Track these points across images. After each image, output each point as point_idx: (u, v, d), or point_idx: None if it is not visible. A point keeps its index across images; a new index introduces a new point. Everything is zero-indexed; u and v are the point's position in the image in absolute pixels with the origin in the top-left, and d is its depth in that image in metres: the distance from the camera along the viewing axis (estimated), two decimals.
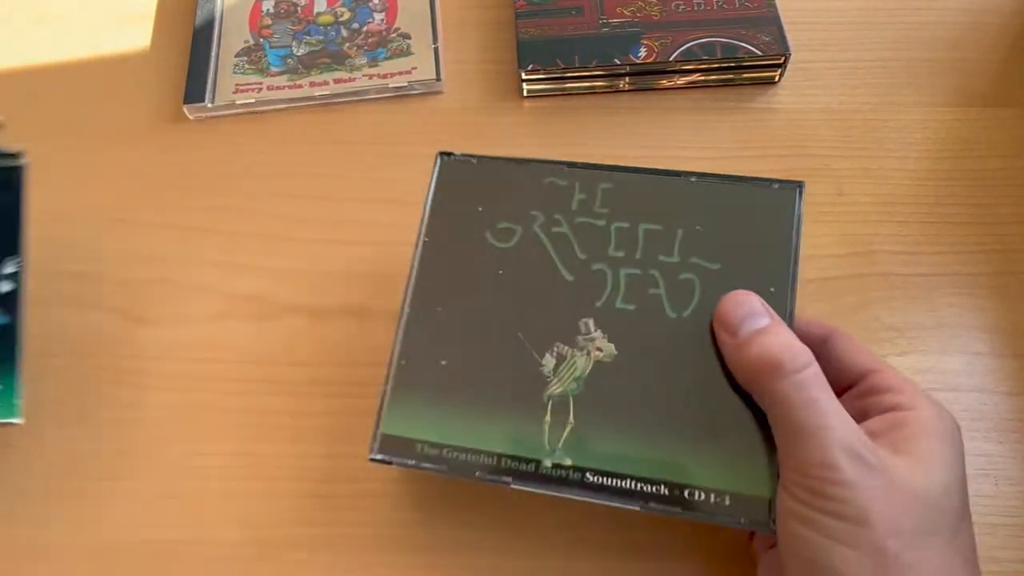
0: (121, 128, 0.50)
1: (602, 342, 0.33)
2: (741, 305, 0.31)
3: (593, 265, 0.34)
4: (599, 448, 0.31)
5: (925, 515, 0.27)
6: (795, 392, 0.28)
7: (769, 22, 0.48)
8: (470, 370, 0.33)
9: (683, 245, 0.34)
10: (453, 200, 0.37)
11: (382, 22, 0.53)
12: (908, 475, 0.28)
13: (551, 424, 0.32)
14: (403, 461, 0.32)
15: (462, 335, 0.34)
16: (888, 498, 0.27)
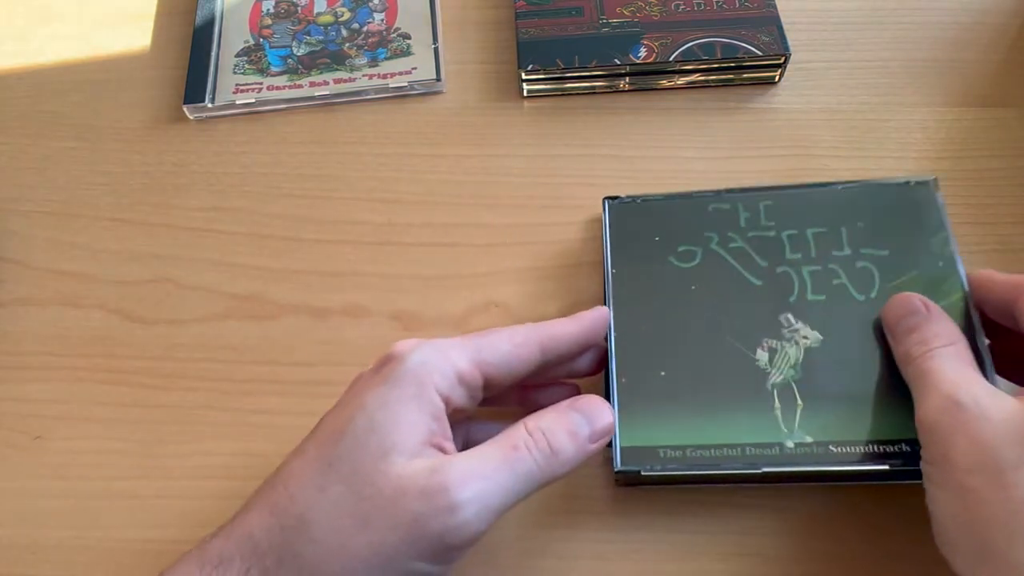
0: (121, 128, 0.50)
1: (806, 331, 0.36)
2: (897, 309, 0.34)
3: (777, 269, 0.38)
4: (832, 423, 0.34)
5: (1013, 451, 0.26)
6: (915, 370, 0.31)
7: (769, 22, 0.48)
8: (691, 375, 0.36)
9: (851, 241, 0.38)
10: (629, 234, 0.40)
11: (382, 22, 0.53)
12: (1007, 415, 0.27)
13: (781, 409, 0.34)
14: (651, 467, 0.34)
15: (674, 346, 0.37)
16: (970, 434, 0.27)
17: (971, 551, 0.27)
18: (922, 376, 0.31)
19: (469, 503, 0.27)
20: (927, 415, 0.29)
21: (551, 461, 0.29)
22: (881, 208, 0.39)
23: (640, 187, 0.46)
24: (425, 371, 0.30)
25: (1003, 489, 0.26)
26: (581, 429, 0.31)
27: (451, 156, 0.48)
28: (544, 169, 0.47)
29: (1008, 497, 0.26)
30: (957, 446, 0.27)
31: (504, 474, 0.28)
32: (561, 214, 0.45)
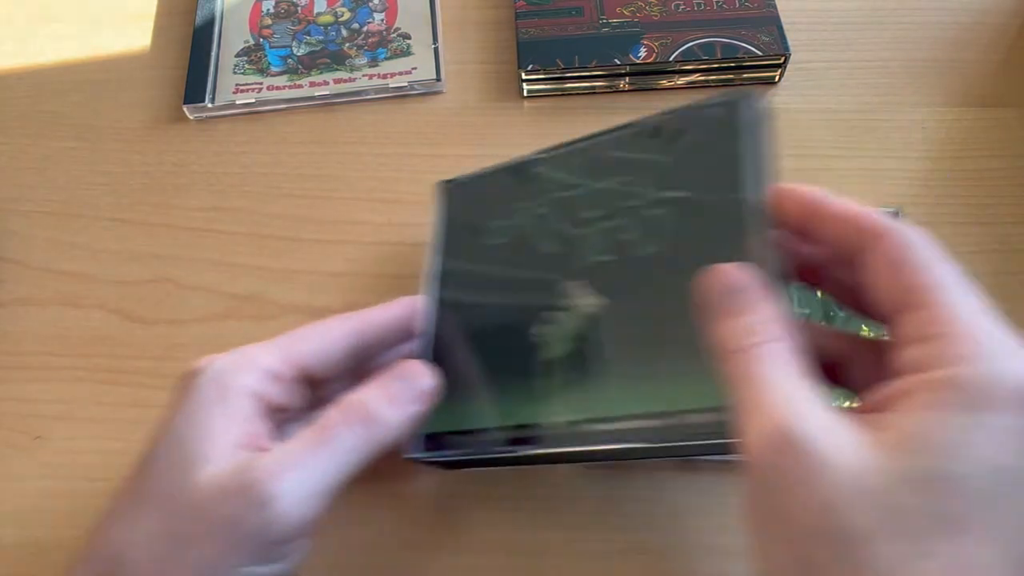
0: (121, 128, 0.50)
1: (586, 298, 0.33)
2: (714, 285, 0.27)
3: (571, 231, 0.35)
4: (608, 397, 0.30)
5: (867, 514, 0.20)
6: (737, 369, 0.24)
7: (769, 22, 0.48)
8: (483, 359, 0.34)
9: (648, 185, 0.33)
10: (454, 218, 0.40)
11: (382, 22, 0.53)
12: (856, 461, 0.21)
13: (555, 386, 0.32)
14: (433, 454, 0.34)
15: (472, 331, 0.35)
16: (812, 489, 0.21)
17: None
18: (744, 383, 0.24)
19: (283, 494, 0.26)
20: (754, 447, 0.23)
21: (372, 429, 0.29)
22: (687, 142, 0.33)
23: None
24: (227, 376, 0.29)
25: (854, 569, 0.20)
26: (401, 393, 0.31)
27: (451, 156, 0.48)
28: None
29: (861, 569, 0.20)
30: (795, 500, 0.21)
31: (320, 456, 0.28)
32: None
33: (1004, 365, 0.21)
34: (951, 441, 0.20)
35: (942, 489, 0.20)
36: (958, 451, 0.20)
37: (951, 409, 0.21)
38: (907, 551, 0.20)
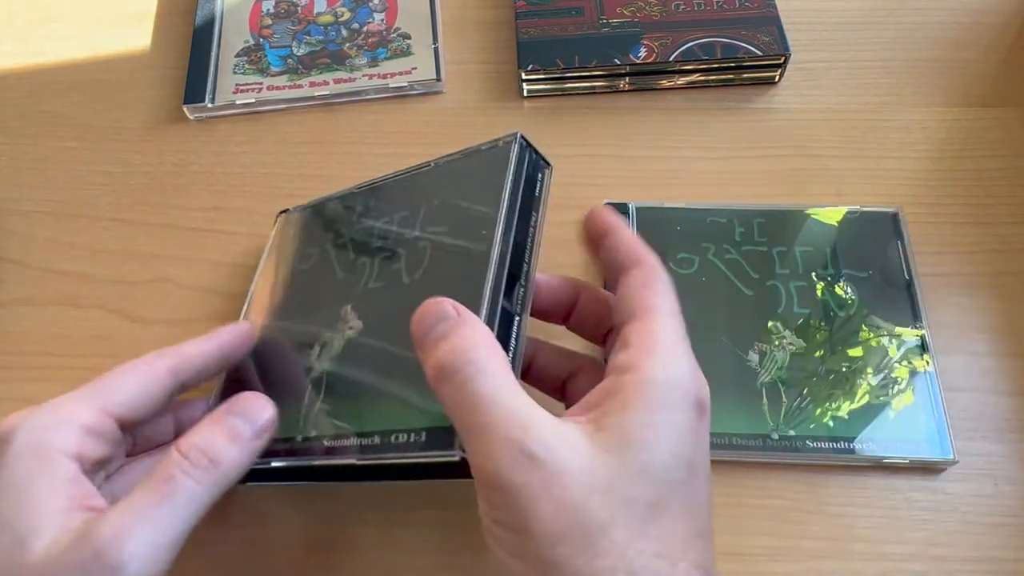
0: (121, 128, 0.50)
1: (353, 322, 0.34)
2: (425, 317, 0.27)
3: (360, 259, 0.36)
4: (343, 414, 0.32)
5: (602, 508, 0.23)
6: (456, 393, 0.25)
7: (769, 22, 0.48)
8: (269, 377, 0.36)
9: (425, 219, 0.35)
10: None
11: (382, 22, 0.53)
12: (586, 462, 0.23)
13: (313, 404, 0.34)
14: None
15: (267, 351, 0.37)
16: (553, 496, 0.23)
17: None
18: (466, 405, 0.24)
19: (133, 557, 0.25)
20: (491, 468, 0.23)
21: (215, 474, 0.28)
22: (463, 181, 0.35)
23: (640, 187, 0.46)
24: (42, 438, 0.28)
25: (595, 558, 0.22)
26: (242, 430, 0.29)
27: None
28: None
29: (602, 568, 0.22)
30: (540, 515, 0.23)
31: (164, 510, 0.26)
32: (561, 214, 0.45)
33: (680, 374, 0.26)
34: (650, 437, 0.24)
35: (650, 478, 0.24)
36: (656, 444, 0.24)
37: (652, 411, 0.25)
38: (634, 534, 0.23)
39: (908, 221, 0.43)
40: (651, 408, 0.25)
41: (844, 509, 0.36)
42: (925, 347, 0.39)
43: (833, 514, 0.36)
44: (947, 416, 0.37)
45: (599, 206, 0.32)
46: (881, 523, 0.36)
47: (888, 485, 0.36)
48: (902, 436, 0.37)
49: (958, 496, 0.36)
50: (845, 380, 0.38)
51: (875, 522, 0.36)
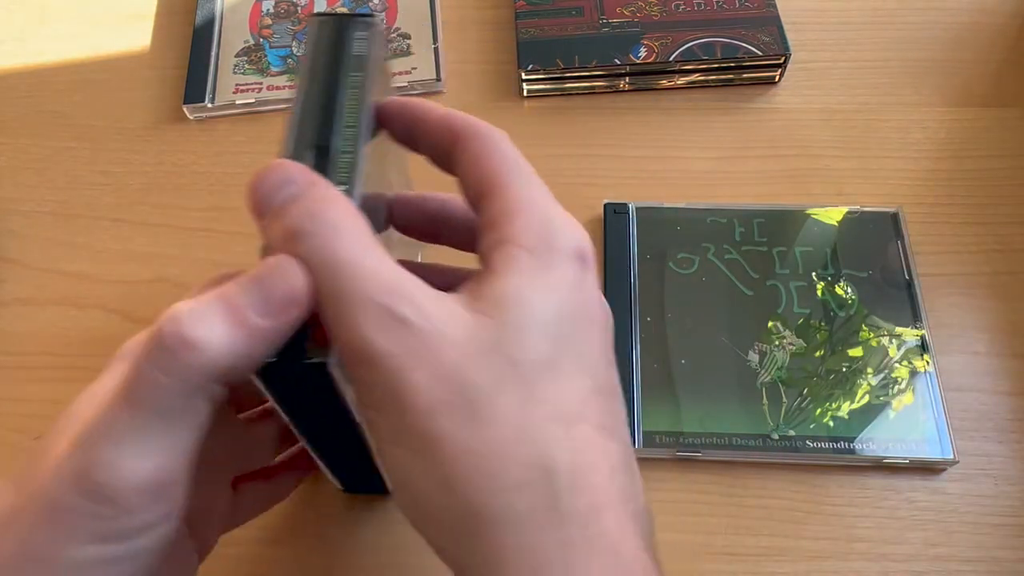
0: (121, 128, 0.50)
1: None
2: (265, 181, 0.23)
3: None
4: None
5: (484, 373, 0.21)
6: (312, 258, 0.21)
7: (769, 22, 0.48)
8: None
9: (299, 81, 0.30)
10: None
11: (382, 22, 0.53)
12: (464, 325, 0.21)
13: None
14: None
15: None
16: (429, 363, 0.20)
17: (453, 521, 0.21)
18: (328, 269, 0.21)
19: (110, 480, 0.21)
20: (356, 338, 0.21)
21: (189, 360, 0.20)
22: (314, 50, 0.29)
23: (640, 187, 0.46)
24: None
25: (481, 427, 0.20)
26: (240, 301, 0.21)
27: None
28: (544, 169, 0.46)
29: (490, 438, 0.20)
30: (415, 385, 0.20)
31: (124, 414, 0.21)
32: None
33: (550, 228, 0.24)
34: (530, 296, 0.22)
35: (535, 337, 0.22)
36: (538, 302, 0.22)
37: (527, 272, 0.23)
38: (522, 398, 0.21)
39: (908, 221, 0.43)
40: (526, 269, 0.23)
41: (844, 509, 0.36)
42: (925, 347, 0.39)
43: (833, 514, 0.36)
44: (947, 416, 0.37)
45: (391, 99, 0.28)
46: (881, 523, 0.36)
47: (888, 485, 0.36)
48: (902, 436, 0.37)
49: (958, 496, 0.36)
50: (845, 380, 0.38)
51: (875, 522, 0.36)
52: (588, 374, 0.23)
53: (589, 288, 0.24)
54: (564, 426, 0.21)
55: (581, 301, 0.24)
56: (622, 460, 0.23)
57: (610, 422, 0.23)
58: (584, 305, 0.24)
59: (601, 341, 0.24)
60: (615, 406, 0.24)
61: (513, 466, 0.20)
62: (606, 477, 0.22)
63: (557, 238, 0.24)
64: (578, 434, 0.22)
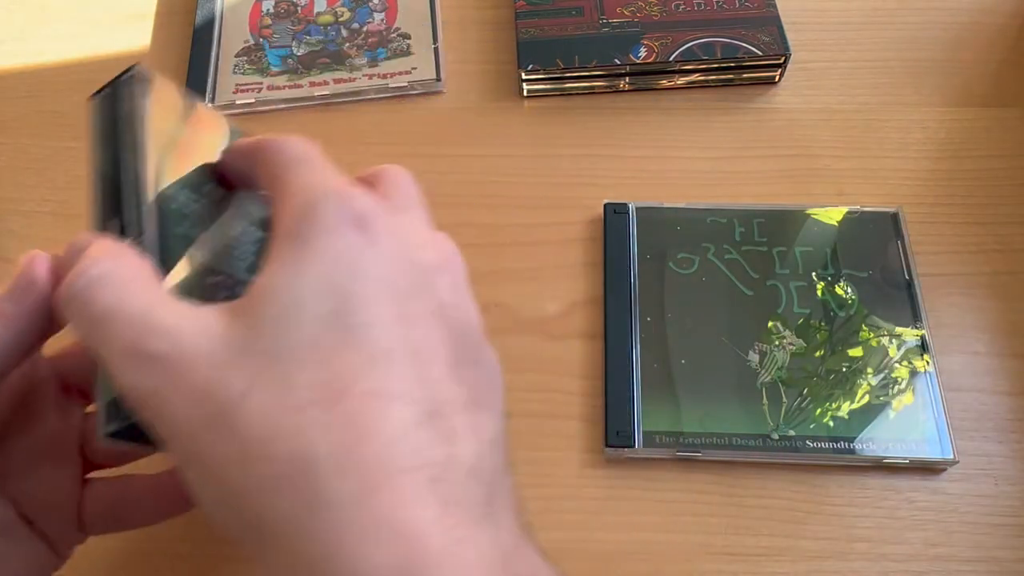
0: None
1: None
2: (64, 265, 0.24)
3: None
4: None
5: (237, 377, 0.20)
6: (76, 322, 0.22)
7: (769, 22, 0.48)
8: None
9: None
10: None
11: (382, 22, 0.53)
12: (217, 336, 0.21)
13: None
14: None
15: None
16: (184, 386, 0.20)
17: (240, 534, 0.21)
18: (89, 330, 0.22)
19: None
20: (121, 383, 0.21)
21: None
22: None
23: (640, 187, 0.46)
24: None
25: (236, 435, 0.20)
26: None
27: (451, 156, 0.48)
28: (544, 169, 0.47)
29: (247, 442, 0.20)
30: (174, 412, 0.20)
31: None
32: (561, 214, 0.45)
33: (320, 204, 0.22)
34: (284, 281, 0.21)
35: (289, 322, 0.21)
36: (294, 284, 0.21)
37: (279, 258, 0.22)
38: (277, 392, 0.20)
39: (908, 221, 0.43)
40: (279, 256, 0.22)
41: (844, 509, 0.36)
42: (925, 347, 0.39)
43: (833, 514, 0.36)
44: (947, 416, 0.37)
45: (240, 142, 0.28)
46: (881, 523, 0.36)
47: (888, 485, 0.36)
48: (902, 436, 0.37)
49: (958, 496, 0.36)
50: (845, 380, 0.38)
51: (875, 522, 0.36)
52: (359, 347, 0.21)
53: (373, 254, 0.22)
54: (327, 406, 0.20)
55: (358, 269, 0.22)
56: (417, 418, 0.21)
57: (391, 388, 0.21)
58: (362, 273, 0.22)
59: (387, 314, 0.22)
60: (406, 372, 0.21)
61: (271, 465, 0.19)
62: (385, 444, 0.20)
63: (317, 211, 0.22)
64: (346, 408, 0.20)
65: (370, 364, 0.21)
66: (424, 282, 0.23)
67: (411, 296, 0.22)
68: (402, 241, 0.23)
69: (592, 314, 0.41)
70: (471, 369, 0.24)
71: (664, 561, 0.35)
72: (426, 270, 0.23)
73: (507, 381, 0.40)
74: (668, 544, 0.36)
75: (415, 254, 0.24)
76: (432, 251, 0.24)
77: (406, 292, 0.22)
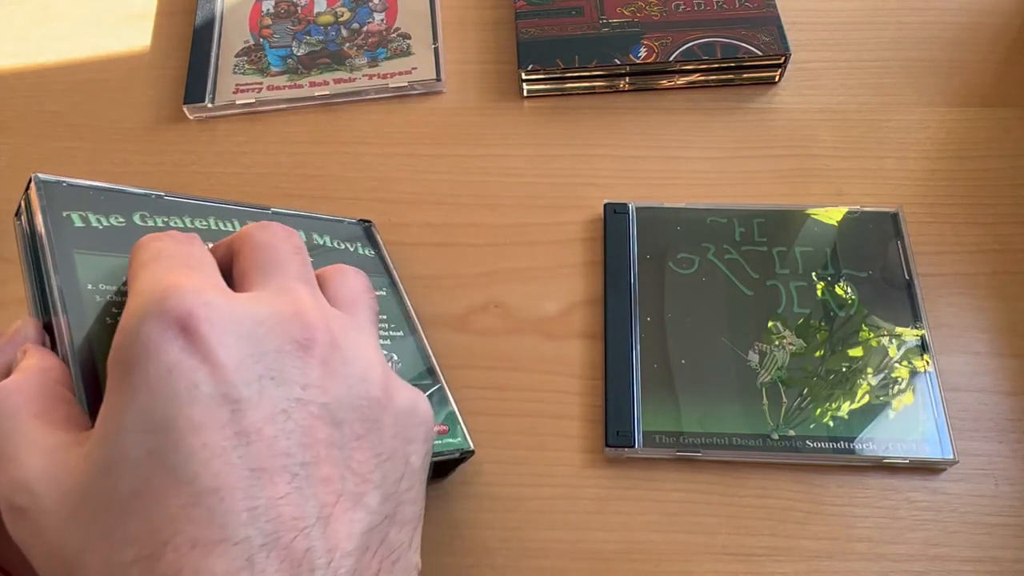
0: (121, 128, 0.50)
1: None
2: None
3: None
4: None
5: (75, 536, 0.20)
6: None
7: (769, 22, 0.48)
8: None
9: None
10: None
11: (382, 22, 0.53)
12: (64, 490, 0.20)
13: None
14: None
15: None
16: (40, 543, 0.20)
17: None
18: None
19: None
20: (6, 523, 0.21)
21: None
22: None
23: (640, 187, 0.46)
24: None
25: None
26: None
27: (451, 156, 0.48)
28: (544, 169, 0.47)
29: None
30: (38, 566, 0.21)
31: None
32: (561, 214, 0.45)
33: (141, 310, 0.21)
34: (111, 423, 0.20)
35: (112, 472, 0.20)
36: (116, 429, 0.20)
37: (110, 390, 0.21)
38: (109, 550, 0.19)
39: (908, 221, 0.43)
40: (111, 384, 0.21)
41: (844, 509, 0.36)
42: (925, 347, 0.39)
43: (833, 514, 0.36)
44: (947, 416, 0.37)
45: None
46: (881, 523, 0.36)
47: (888, 485, 0.36)
48: (902, 436, 0.37)
49: (958, 496, 0.36)
50: (845, 380, 0.38)
51: (875, 522, 0.36)
52: (191, 475, 0.19)
53: (194, 366, 0.20)
54: (148, 565, 0.19)
55: (177, 389, 0.20)
56: (241, 563, 0.19)
57: (230, 519, 0.19)
58: (185, 389, 0.20)
59: (241, 410, 0.20)
60: (222, 506, 0.19)
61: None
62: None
63: (138, 331, 0.20)
64: (165, 568, 0.19)
65: (192, 506, 0.19)
66: (275, 372, 0.21)
67: (255, 398, 0.20)
68: (242, 332, 0.21)
69: (592, 314, 0.41)
70: (353, 448, 0.22)
71: (664, 561, 0.35)
72: (278, 355, 0.21)
73: (507, 381, 0.40)
74: (668, 544, 0.36)
75: (261, 342, 0.21)
76: (289, 328, 0.22)
77: (247, 398, 0.20)
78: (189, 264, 0.23)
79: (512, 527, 0.36)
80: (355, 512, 0.21)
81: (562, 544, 0.36)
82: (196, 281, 0.21)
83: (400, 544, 0.23)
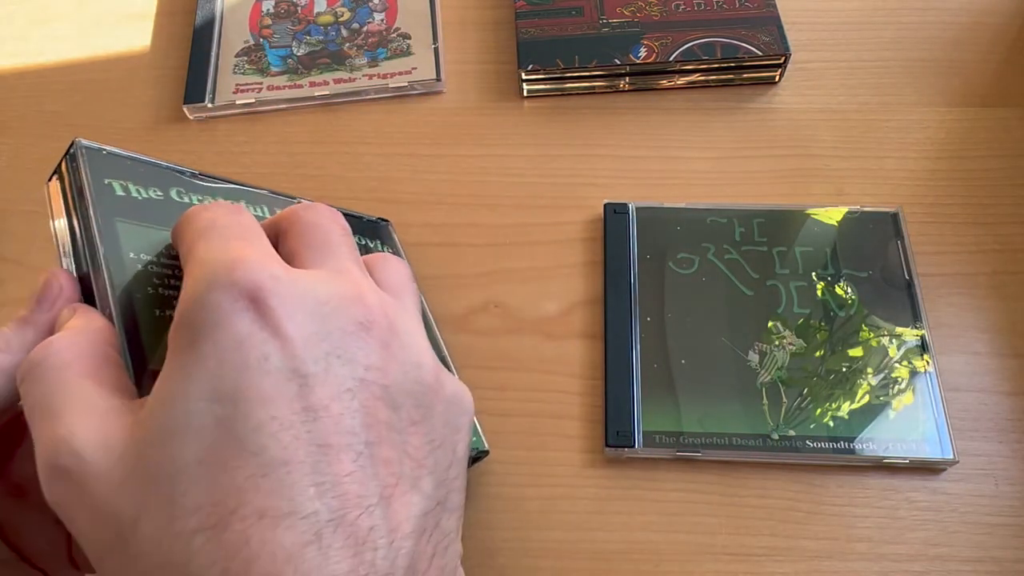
0: (121, 128, 0.50)
1: None
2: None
3: None
4: None
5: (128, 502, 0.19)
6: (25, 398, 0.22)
7: (769, 22, 0.48)
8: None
9: None
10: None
11: (382, 22, 0.53)
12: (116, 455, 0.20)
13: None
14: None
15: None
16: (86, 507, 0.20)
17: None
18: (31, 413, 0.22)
19: None
20: (43, 492, 0.21)
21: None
22: None
23: (640, 187, 0.46)
24: None
25: (133, 563, 0.19)
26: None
27: (451, 156, 0.48)
28: (544, 169, 0.47)
29: (140, 570, 0.19)
30: (81, 529, 0.20)
31: None
32: (561, 214, 0.45)
33: (211, 281, 0.20)
34: (171, 390, 0.20)
35: (171, 440, 0.19)
36: (180, 397, 0.20)
37: (171, 359, 0.21)
38: (167, 516, 0.19)
39: (908, 221, 0.43)
40: (173, 350, 0.20)
41: (844, 509, 0.36)
42: (925, 347, 0.39)
43: (833, 514, 0.36)
44: (947, 416, 0.37)
45: None
46: (881, 523, 0.36)
47: (888, 485, 0.36)
48: (902, 436, 0.37)
49: (958, 496, 0.36)
50: (845, 380, 0.38)
51: (875, 522, 0.36)
52: (260, 447, 0.19)
53: (263, 342, 0.20)
54: (213, 534, 0.19)
55: (248, 360, 0.20)
56: (309, 537, 0.19)
57: (297, 493, 0.19)
58: (256, 361, 0.20)
59: (308, 386, 0.20)
60: (290, 480, 0.19)
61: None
62: (275, 565, 0.18)
63: (205, 301, 0.20)
64: (232, 536, 0.18)
65: (260, 477, 0.19)
66: (339, 352, 0.21)
67: (322, 375, 0.20)
68: (308, 310, 0.21)
69: (592, 314, 0.41)
70: (409, 433, 0.22)
71: (664, 561, 0.35)
72: (343, 335, 0.21)
73: (507, 381, 0.40)
74: (668, 544, 0.36)
75: (327, 321, 0.21)
76: (352, 309, 0.22)
77: (314, 373, 0.20)
78: (244, 236, 0.23)
79: (512, 527, 0.36)
80: (412, 495, 0.21)
81: (562, 544, 0.36)
82: (259, 254, 0.21)
83: (450, 531, 0.23)
